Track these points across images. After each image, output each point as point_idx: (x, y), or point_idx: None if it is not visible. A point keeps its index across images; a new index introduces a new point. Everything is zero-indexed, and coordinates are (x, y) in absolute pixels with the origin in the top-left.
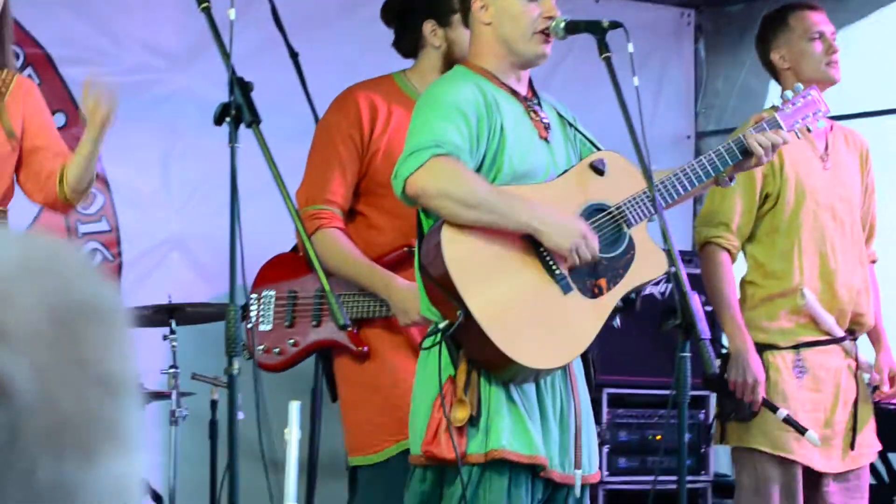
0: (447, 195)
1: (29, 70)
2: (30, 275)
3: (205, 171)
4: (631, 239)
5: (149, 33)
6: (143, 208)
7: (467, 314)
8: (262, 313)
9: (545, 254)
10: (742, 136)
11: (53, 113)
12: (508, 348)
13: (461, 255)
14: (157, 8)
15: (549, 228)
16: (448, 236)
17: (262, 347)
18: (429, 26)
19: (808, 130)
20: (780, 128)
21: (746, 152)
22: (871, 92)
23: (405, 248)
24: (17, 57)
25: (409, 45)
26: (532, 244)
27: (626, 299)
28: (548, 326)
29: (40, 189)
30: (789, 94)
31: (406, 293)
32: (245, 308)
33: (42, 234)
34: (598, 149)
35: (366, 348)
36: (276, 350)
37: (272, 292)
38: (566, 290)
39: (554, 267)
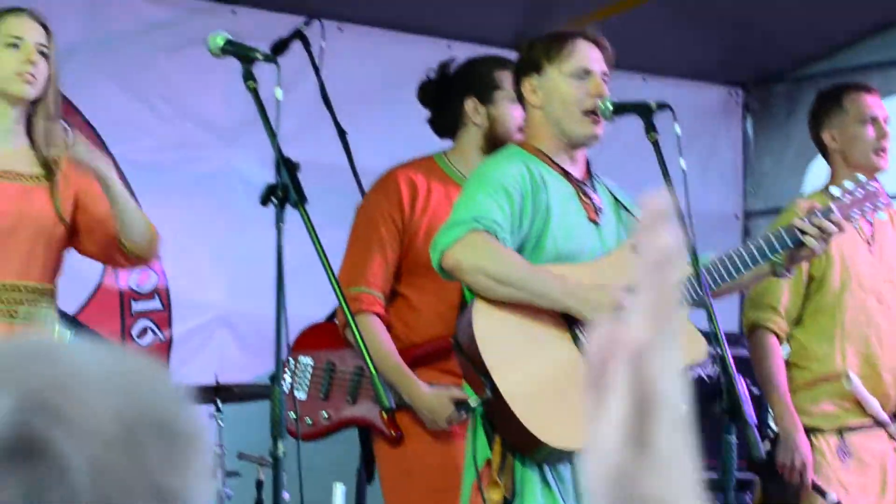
0: (481, 270)
1: None
2: (108, 382)
3: (251, 249)
4: None
5: (195, 108)
6: (191, 286)
7: (495, 392)
8: (297, 380)
9: (578, 332)
10: (793, 223)
11: None
12: (536, 428)
13: (492, 332)
14: (203, 83)
15: (583, 305)
16: (479, 313)
17: (293, 415)
18: (471, 104)
19: (869, 222)
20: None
21: (797, 240)
22: None
23: (450, 339)
24: (66, 132)
25: (448, 124)
26: (566, 321)
27: None
28: (577, 406)
29: (109, 255)
30: (849, 184)
31: (429, 400)
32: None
33: (135, 354)
34: None
35: (399, 433)
36: (309, 420)
37: (309, 360)
38: None
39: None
